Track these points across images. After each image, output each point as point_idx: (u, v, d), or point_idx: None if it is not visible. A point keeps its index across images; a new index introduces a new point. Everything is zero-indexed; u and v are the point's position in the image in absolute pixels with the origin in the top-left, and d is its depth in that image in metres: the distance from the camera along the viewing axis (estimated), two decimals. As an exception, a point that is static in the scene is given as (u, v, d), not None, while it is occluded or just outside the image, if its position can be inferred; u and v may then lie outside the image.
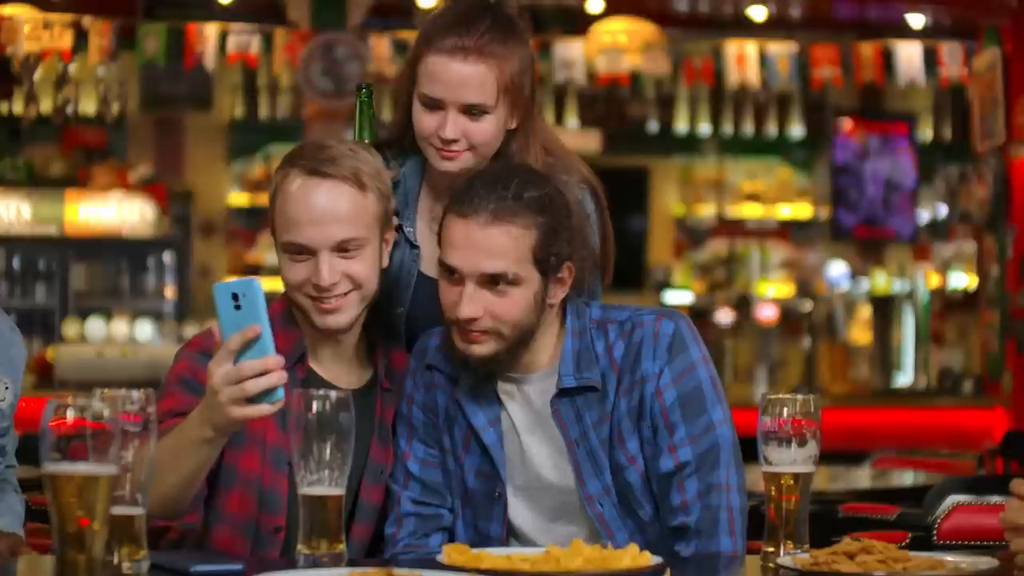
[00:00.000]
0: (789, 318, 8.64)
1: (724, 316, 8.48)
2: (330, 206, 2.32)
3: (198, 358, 2.35)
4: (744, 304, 8.68)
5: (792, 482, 2.17)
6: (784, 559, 2.08)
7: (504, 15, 2.54)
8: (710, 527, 2.33)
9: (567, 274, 2.38)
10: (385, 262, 2.44)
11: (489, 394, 2.41)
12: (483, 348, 2.32)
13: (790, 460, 2.18)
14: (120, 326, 7.51)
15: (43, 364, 7.13)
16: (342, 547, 2.06)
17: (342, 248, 2.33)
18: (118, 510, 1.98)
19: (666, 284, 8.91)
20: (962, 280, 8.76)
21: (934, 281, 8.83)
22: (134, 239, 8.09)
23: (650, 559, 2.01)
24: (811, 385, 7.88)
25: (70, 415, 1.83)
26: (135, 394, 2.02)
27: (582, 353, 2.38)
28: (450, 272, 2.33)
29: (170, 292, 8.18)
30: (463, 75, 2.48)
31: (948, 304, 8.48)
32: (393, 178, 2.60)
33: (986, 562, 2.07)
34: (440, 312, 2.38)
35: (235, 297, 2.04)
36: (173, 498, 2.19)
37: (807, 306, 8.53)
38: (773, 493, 2.18)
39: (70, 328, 7.55)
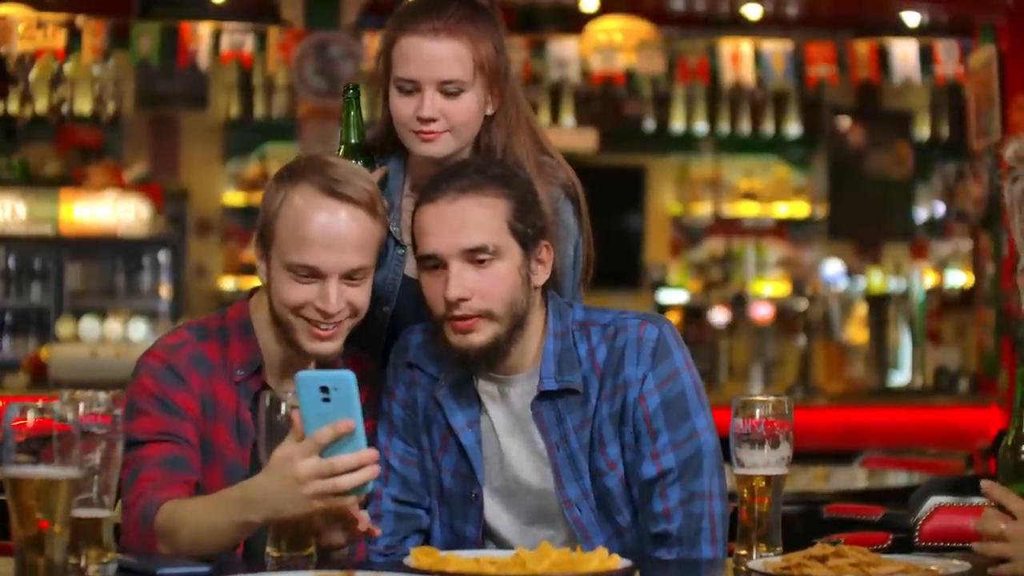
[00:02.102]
0: (785, 317, 8.62)
1: (720, 315, 8.46)
2: (347, 232, 2.27)
3: (165, 375, 2.32)
4: (740, 303, 8.67)
5: (764, 484, 2.16)
6: (755, 563, 2.07)
7: (472, 2, 2.54)
8: (692, 535, 2.32)
9: (546, 254, 2.36)
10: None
11: (469, 394, 2.39)
12: (480, 336, 2.29)
13: (763, 462, 2.17)
14: (114, 326, 7.50)
15: (37, 364, 7.11)
16: (311, 549, 2.06)
17: (350, 276, 2.29)
18: (85, 512, 1.98)
19: (662, 283, 8.90)
20: (959, 278, 8.74)
21: (932, 279, 8.81)
22: (129, 238, 8.07)
23: (618, 562, 1.99)
24: (807, 384, 7.86)
25: (31, 417, 1.83)
26: (102, 396, 2.01)
27: (564, 355, 2.36)
28: (431, 263, 2.31)
29: (165, 291, 8.16)
30: (437, 52, 2.48)
31: (945, 302, 8.46)
32: (381, 177, 2.60)
33: (958, 566, 2.05)
34: (424, 309, 2.36)
35: (324, 389, 1.98)
36: (194, 554, 2.15)
37: (803, 305, 8.51)
38: (745, 495, 2.17)
39: (64, 328, 7.54)
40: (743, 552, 2.17)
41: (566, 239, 2.62)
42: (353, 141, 2.63)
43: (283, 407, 2.04)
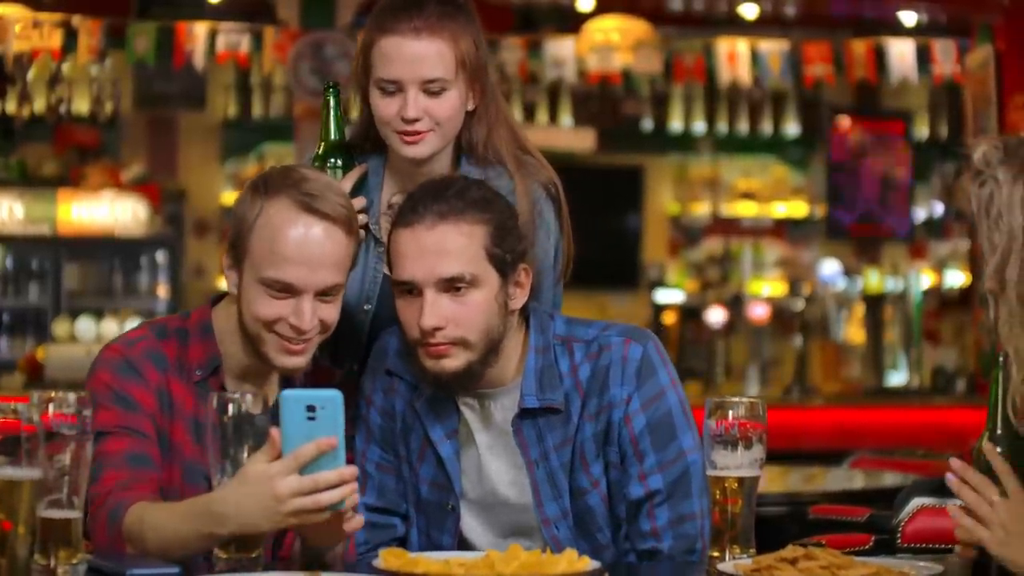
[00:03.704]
0: (782, 317, 8.60)
1: (717, 315, 8.44)
2: (324, 249, 2.25)
3: (122, 369, 2.32)
4: (737, 303, 8.65)
5: (737, 486, 2.15)
6: (725, 565, 2.06)
7: None
8: (683, 555, 2.32)
9: (524, 277, 2.34)
10: None
11: (448, 405, 2.37)
12: (454, 361, 2.26)
13: (736, 464, 2.15)
14: (111, 325, 7.50)
15: (33, 364, 7.11)
16: (259, 551, 2.05)
17: (324, 293, 2.27)
18: (54, 513, 1.98)
19: (660, 283, 8.88)
20: (959, 278, 8.71)
21: (930, 280, 8.79)
22: (127, 238, 8.07)
23: (588, 564, 1.98)
24: (803, 384, 7.84)
25: (-8, 418, 1.83)
26: (71, 396, 2.01)
27: (545, 371, 2.34)
28: (407, 288, 2.28)
29: (163, 291, 8.16)
30: (419, 52, 2.48)
31: (943, 303, 8.43)
32: (360, 175, 2.60)
33: (929, 568, 2.05)
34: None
35: (310, 408, 1.98)
36: (162, 558, 2.14)
37: (800, 305, 8.49)
38: (718, 497, 2.16)
39: (61, 328, 7.54)
40: (715, 554, 2.16)
41: (546, 238, 2.61)
42: (333, 139, 2.63)
43: (230, 408, 2.04)
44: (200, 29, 7.08)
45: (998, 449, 2.07)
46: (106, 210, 8.05)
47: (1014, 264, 1.98)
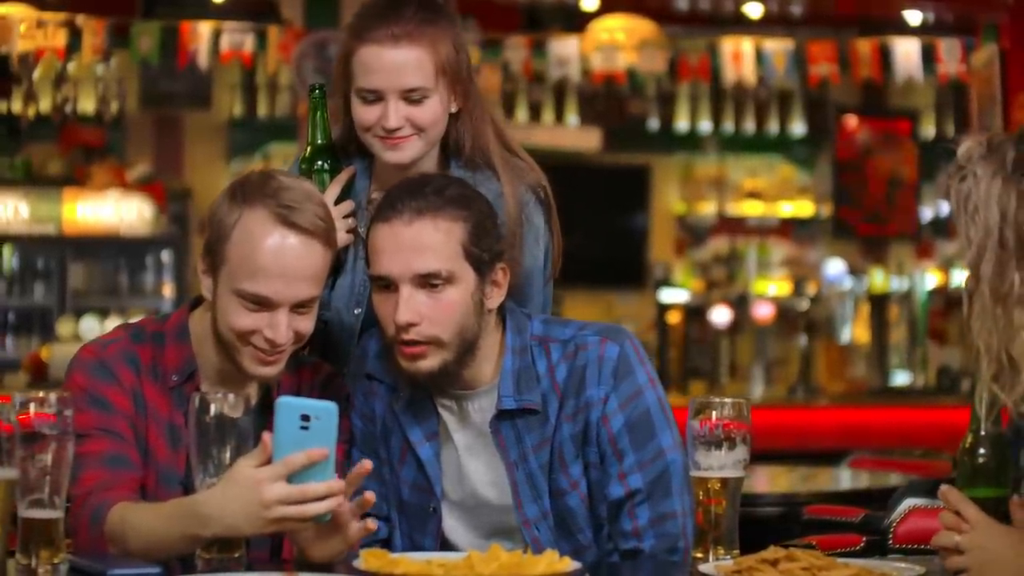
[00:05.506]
0: (787, 316, 8.58)
1: (721, 314, 8.43)
2: (301, 264, 2.23)
3: (97, 370, 2.31)
4: (743, 302, 8.63)
5: (720, 487, 2.14)
6: (706, 566, 2.05)
7: (429, 1, 2.51)
8: (666, 554, 2.31)
9: (502, 276, 2.33)
10: None
11: (427, 407, 2.37)
12: (429, 362, 2.26)
13: (719, 464, 2.15)
14: (114, 325, 7.50)
15: (37, 363, 7.11)
16: (240, 552, 2.05)
17: (301, 305, 2.26)
18: (36, 513, 1.98)
19: (666, 282, 8.87)
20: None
21: (937, 279, 8.76)
22: (132, 238, 8.08)
23: (568, 564, 1.98)
24: (808, 384, 7.83)
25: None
26: (52, 396, 2.01)
27: (522, 373, 2.33)
28: (383, 284, 2.28)
29: (168, 291, 8.17)
30: (398, 61, 2.46)
31: (949, 302, 8.40)
32: (349, 177, 2.59)
33: (912, 569, 2.04)
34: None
35: (305, 418, 1.97)
36: (144, 559, 2.13)
37: (805, 304, 8.47)
38: (701, 497, 2.16)
39: (64, 327, 7.55)
40: (699, 555, 2.16)
41: (535, 243, 2.60)
42: (320, 142, 2.63)
43: (212, 408, 2.04)
44: (204, 28, 7.08)
45: (981, 449, 2.06)
46: (111, 209, 8.06)
47: (988, 260, 1.96)
